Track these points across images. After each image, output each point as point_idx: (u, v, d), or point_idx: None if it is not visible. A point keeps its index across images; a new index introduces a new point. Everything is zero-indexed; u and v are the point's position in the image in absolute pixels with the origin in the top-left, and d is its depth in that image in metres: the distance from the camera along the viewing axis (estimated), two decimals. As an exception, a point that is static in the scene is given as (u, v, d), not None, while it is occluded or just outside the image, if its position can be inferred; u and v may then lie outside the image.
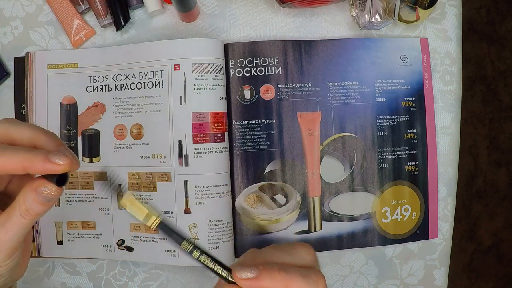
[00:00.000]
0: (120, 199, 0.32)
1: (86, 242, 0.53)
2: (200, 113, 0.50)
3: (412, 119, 0.54)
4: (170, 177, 0.51)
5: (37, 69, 0.53)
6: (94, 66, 0.53)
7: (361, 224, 0.53)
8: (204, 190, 0.50)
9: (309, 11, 0.55)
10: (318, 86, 0.53)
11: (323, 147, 0.53)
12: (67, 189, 0.53)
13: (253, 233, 0.52)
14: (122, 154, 0.52)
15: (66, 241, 0.53)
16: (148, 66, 0.51)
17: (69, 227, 0.53)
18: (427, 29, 0.56)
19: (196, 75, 0.50)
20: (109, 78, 0.52)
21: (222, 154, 0.50)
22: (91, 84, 0.53)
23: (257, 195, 0.52)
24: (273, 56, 0.53)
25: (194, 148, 0.50)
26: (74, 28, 0.53)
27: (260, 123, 0.52)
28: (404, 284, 0.55)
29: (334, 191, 0.53)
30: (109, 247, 0.52)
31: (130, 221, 0.52)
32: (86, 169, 0.53)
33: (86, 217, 0.53)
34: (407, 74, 0.54)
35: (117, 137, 0.52)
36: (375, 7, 0.50)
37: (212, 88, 0.50)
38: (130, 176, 0.52)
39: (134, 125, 0.52)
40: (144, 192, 0.52)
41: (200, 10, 0.55)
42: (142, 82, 0.52)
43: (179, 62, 0.50)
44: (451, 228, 0.56)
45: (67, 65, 0.53)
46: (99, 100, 0.53)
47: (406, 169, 0.54)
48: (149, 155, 0.51)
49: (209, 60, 0.50)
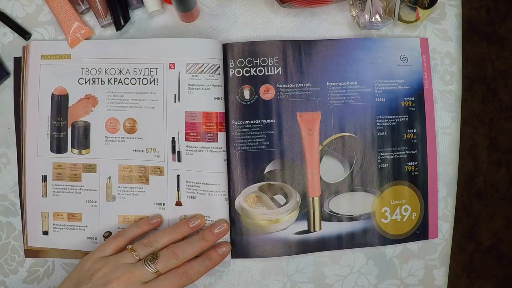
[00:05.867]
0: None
1: (71, 234, 0.53)
2: (192, 112, 0.51)
3: (412, 119, 0.54)
4: (163, 171, 0.52)
5: (30, 59, 0.53)
6: (87, 59, 0.53)
7: (360, 224, 0.53)
8: (194, 185, 0.51)
9: (309, 11, 0.55)
10: (317, 86, 0.53)
11: (322, 147, 0.53)
12: (55, 180, 0.53)
13: (253, 233, 0.52)
14: (114, 147, 0.52)
15: (51, 231, 0.53)
16: (143, 63, 0.52)
17: (55, 218, 0.53)
18: (427, 29, 0.56)
19: (190, 74, 0.51)
20: (102, 71, 0.52)
21: (213, 154, 0.50)
22: (83, 76, 0.53)
23: (256, 195, 0.52)
24: (273, 56, 0.53)
25: (186, 145, 0.51)
26: (72, 28, 0.53)
27: (259, 123, 0.52)
28: (404, 284, 0.56)
29: (333, 191, 0.53)
30: (94, 239, 0.53)
31: (118, 213, 0.52)
32: (74, 161, 0.53)
33: (72, 208, 0.53)
34: (406, 74, 0.54)
35: (109, 130, 0.53)
36: (375, 7, 0.50)
37: (205, 88, 0.50)
38: (121, 169, 0.52)
39: (127, 119, 0.52)
40: (135, 185, 0.52)
41: (200, 10, 0.55)
42: (136, 78, 0.52)
43: (174, 61, 0.51)
44: (451, 228, 0.56)
45: (60, 56, 0.53)
46: (91, 93, 0.53)
47: (406, 169, 0.54)
48: (143, 149, 0.52)
49: (204, 60, 0.50)
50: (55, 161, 0.53)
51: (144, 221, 0.51)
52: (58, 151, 0.53)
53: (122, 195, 0.53)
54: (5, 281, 0.54)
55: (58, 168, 0.53)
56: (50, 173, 0.53)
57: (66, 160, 0.53)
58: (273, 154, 0.52)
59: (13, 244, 0.54)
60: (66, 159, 0.53)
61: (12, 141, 0.54)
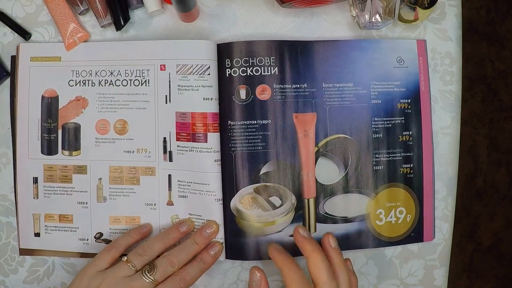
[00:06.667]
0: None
1: (62, 235, 0.53)
2: (182, 112, 0.51)
3: (408, 121, 0.54)
4: (155, 171, 0.52)
5: (20, 61, 0.53)
6: (77, 61, 0.53)
7: (355, 226, 0.53)
8: (185, 185, 0.51)
9: (309, 11, 0.55)
10: (314, 87, 0.53)
11: (318, 148, 0.53)
12: (46, 182, 0.53)
13: (249, 235, 0.52)
14: (104, 149, 0.53)
15: (43, 233, 0.53)
16: (134, 65, 0.52)
17: (46, 219, 0.53)
18: (427, 29, 0.56)
19: (179, 75, 0.51)
20: (92, 73, 0.53)
21: (204, 154, 0.50)
22: (73, 78, 0.53)
23: (252, 197, 0.52)
24: (269, 56, 0.52)
25: (177, 145, 0.51)
26: (69, 31, 0.53)
27: (255, 124, 0.52)
28: (404, 284, 0.56)
29: (328, 193, 0.53)
30: (86, 240, 0.53)
31: (109, 214, 0.53)
32: (65, 163, 0.53)
33: (64, 210, 0.53)
34: (403, 76, 0.54)
35: (100, 131, 0.53)
36: (375, 7, 0.50)
37: (194, 89, 0.51)
38: (112, 170, 0.53)
39: (118, 121, 0.52)
40: (126, 186, 0.52)
41: (200, 10, 0.55)
42: (128, 79, 0.52)
43: (165, 63, 0.51)
44: (451, 228, 0.56)
45: (50, 58, 0.53)
46: (81, 95, 0.53)
47: (401, 171, 0.54)
48: (134, 150, 0.52)
49: (193, 61, 0.51)
50: (46, 163, 0.53)
51: (135, 230, 0.51)
52: (48, 153, 0.53)
53: (113, 196, 0.53)
54: (5, 281, 0.54)
55: (49, 170, 0.53)
56: (41, 175, 0.53)
57: (57, 162, 0.53)
58: (269, 155, 0.52)
59: (13, 244, 0.54)
60: (57, 161, 0.53)
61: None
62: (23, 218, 0.53)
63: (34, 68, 0.53)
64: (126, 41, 0.53)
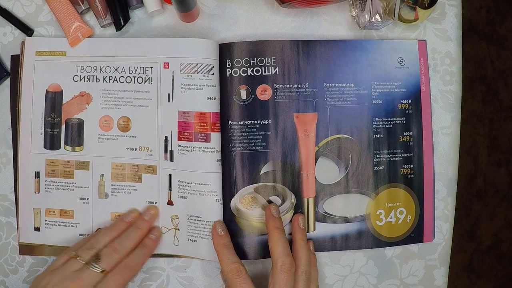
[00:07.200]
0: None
1: (63, 230, 0.53)
2: (185, 111, 0.51)
3: (408, 121, 0.54)
4: (156, 170, 0.52)
5: (26, 55, 0.53)
6: (83, 56, 0.53)
7: (355, 226, 0.53)
8: (186, 185, 0.51)
9: (309, 11, 0.55)
10: (315, 87, 0.53)
11: (318, 148, 0.53)
12: (48, 177, 0.53)
13: (249, 235, 0.52)
14: (107, 145, 0.53)
15: (43, 228, 0.53)
16: (138, 62, 0.52)
17: (47, 214, 0.53)
18: (427, 29, 0.56)
19: (183, 74, 0.51)
20: (97, 69, 0.53)
21: (206, 154, 0.50)
22: (78, 74, 0.53)
23: (252, 197, 0.52)
24: (270, 56, 0.53)
25: (178, 145, 0.51)
26: (73, 28, 0.53)
27: (256, 124, 0.52)
28: (404, 284, 0.56)
29: (328, 193, 0.53)
30: (86, 236, 0.53)
31: (111, 210, 0.53)
32: (67, 158, 0.53)
33: (65, 205, 0.53)
34: (404, 77, 0.54)
35: (103, 128, 0.53)
36: (375, 7, 0.50)
37: (199, 88, 0.50)
38: (114, 167, 0.53)
39: (121, 118, 0.52)
40: (128, 183, 0.52)
41: (200, 10, 0.55)
42: (131, 76, 0.52)
43: (169, 61, 0.51)
44: (451, 228, 0.56)
45: (55, 52, 0.53)
46: (85, 90, 0.53)
47: (402, 172, 0.54)
48: (136, 147, 0.52)
49: (198, 60, 0.50)
50: (48, 158, 0.53)
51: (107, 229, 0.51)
52: (51, 147, 0.53)
53: (115, 192, 0.53)
54: (5, 281, 0.54)
55: (51, 165, 0.53)
56: (43, 169, 0.53)
57: (59, 157, 0.53)
58: (269, 155, 0.52)
59: (13, 244, 0.54)
60: (59, 156, 0.53)
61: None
62: (24, 212, 0.54)
63: (39, 62, 0.53)
64: (130, 38, 0.53)
